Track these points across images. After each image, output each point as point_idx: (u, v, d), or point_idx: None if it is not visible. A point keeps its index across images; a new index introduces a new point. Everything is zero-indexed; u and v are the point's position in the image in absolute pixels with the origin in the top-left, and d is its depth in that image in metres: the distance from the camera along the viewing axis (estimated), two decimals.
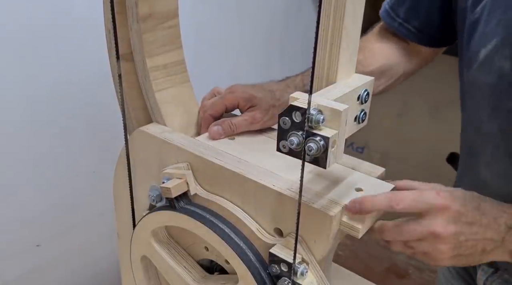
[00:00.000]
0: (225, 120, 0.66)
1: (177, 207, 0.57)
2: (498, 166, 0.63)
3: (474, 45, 0.62)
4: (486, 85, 0.61)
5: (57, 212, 1.11)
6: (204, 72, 1.33)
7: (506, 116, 0.59)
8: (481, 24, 0.61)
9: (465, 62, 0.65)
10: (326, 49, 0.48)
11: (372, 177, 0.56)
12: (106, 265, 1.28)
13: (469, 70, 0.63)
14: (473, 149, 0.67)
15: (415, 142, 2.03)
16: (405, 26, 0.75)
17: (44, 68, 0.97)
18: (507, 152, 0.61)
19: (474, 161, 0.67)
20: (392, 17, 0.76)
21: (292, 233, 0.51)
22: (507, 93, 0.58)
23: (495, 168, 0.63)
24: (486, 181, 0.65)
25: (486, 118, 0.62)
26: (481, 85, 0.61)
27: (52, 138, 1.04)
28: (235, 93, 0.66)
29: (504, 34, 0.58)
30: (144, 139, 0.63)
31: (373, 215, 0.51)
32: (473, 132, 0.67)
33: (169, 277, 0.63)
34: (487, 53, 0.60)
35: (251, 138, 0.66)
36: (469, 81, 0.65)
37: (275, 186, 0.52)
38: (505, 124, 0.60)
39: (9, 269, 1.07)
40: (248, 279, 0.53)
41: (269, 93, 0.67)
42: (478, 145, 0.65)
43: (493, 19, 0.59)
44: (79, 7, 0.98)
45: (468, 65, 0.64)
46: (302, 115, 0.41)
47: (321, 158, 0.42)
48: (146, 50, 0.61)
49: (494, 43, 0.59)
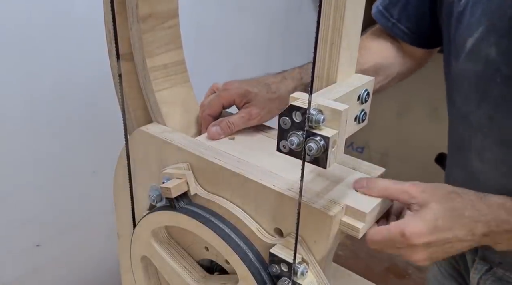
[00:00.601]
0: (222, 119, 0.65)
1: (177, 207, 0.57)
2: (489, 155, 0.63)
3: (461, 36, 0.63)
4: (473, 73, 0.61)
5: (57, 212, 1.11)
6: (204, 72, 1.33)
7: (494, 102, 0.60)
8: (466, 15, 0.61)
9: (453, 54, 0.65)
10: (326, 49, 0.48)
11: (372, 177, 0.56)
12: (106, 265, 1.28)
13: (457, 61, 0.64)
14: (463, 142, 0.67)
15: (415, 142, 2.03)
16: (398, 26, 0.75)
17: (44, 68, 0.97)
18: (496, 140, 0.61)
19: (464, 154, 0.67)
20: (386, 17, 0.76)
21: (292, 233, 0.51)
22: (493, 80, 0.59)
23: (486, 157, 0.63)
24: (477, 173, 0.65)
25: (475, 107, 0.63)
26: (469, 74, 0.62)
27: (52, 138, 1.04)
28: (230, 90, 0.66)
29: (488, 22, 0.58)
30: (144, 139, 0.63)
31: (373, 216, 0.51)
32: (462, 124, 0.67)
33: (169, 277, 0.63)
34: (473, 42, 0.60)
35: (250, 137, 0.66)
36: (457, 72, 0.65)
37: (275, 186, 0.52)
38: (492, 111, 0.60)
39: (9, 269, 1.07)
40: (248, 279, 0.53)
41: (265, 87, 0.66)
42: (467, 137, 0.66)
43: (478, 9, 0.60)
44: (79, 7, 0.98)
45: (456, 56, 0.64)
46: (302, 115, 0.41)
47: (321, 158, 0.42)
48: (146, 50, 0.61)
49: (480, 31, 0.59)
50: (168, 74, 0.65)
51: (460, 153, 0.70)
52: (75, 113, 1.06)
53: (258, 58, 1.60)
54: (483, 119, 0.62)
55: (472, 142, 0.65)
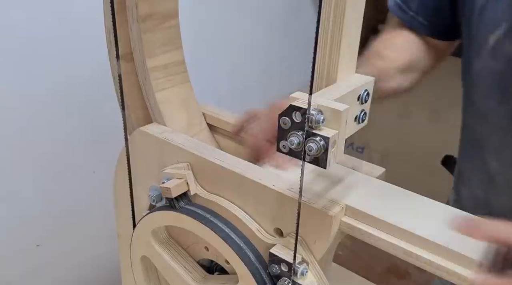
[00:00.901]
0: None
1: (177, 207, 0.57)
2: (507, 154, 0.62)
3: (482, 32, 0.61)
4: (495, 71, 0.60)
5: (57, 212, 1.11)
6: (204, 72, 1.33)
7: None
8: (488, 10, 0.60)
9: (474, 51, 0.64)
10: (326, 49, 0.48)
11: (372, 177, 0.56)
12: (106, 265, 1.28)
13: (478, 58, 0.63)
14: (479, 142, 0.66)
15: (415, 142, 2.03)
16: (417, 19, 0.73)
17: (44, 68, 0.97)
18: None
19: (479, 154, 0.66)
20: (404, 10, 0.74)
21: (292, 233, 0.51)
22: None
23: (504, 156, 0.62)
24: (494, 173, 0.64)
25: (496, 105, 0.62)
26: (491, 72, 0.61)
27: (52, 138, 1.04)
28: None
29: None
30: (144, 139, 0.63)
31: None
32: (480, 122, 0.66)
33: (169, 277, 0.63)
34: (496, 38, 0.59)
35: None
36: (477, 70, 0.64)
37: (275, 186, 0.52)
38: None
39: (9, 269, 1.07)
40: (248, 279, 0.53)
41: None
42: (485, 136, 0.65)
43: (500, 4, 0.58)
44: (79, 7, 0.98)
45: (477, 53, 0.63)
46: (302, 115, 0.41)
47: (321, 158, 0.42)
48: (146, 50, 0.61)
49: (503, 28, 0.58)
50: (168, 74, 0.65)
51: (475, 153, 0.69)
52: (75, 113, 1.06)
53: (258, 58, 1.60)
54: (503, 117, 0.61)
55: (490, 141, 0.64)
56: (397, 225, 0.47)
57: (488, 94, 0.63)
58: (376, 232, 0.48)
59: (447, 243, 0.44)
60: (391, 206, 0.51)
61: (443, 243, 0.44)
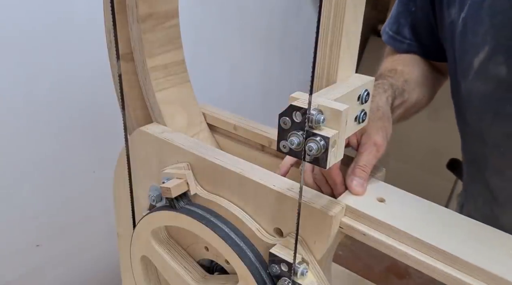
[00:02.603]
0: (353, 167, 0.54)
1: (177, 207, 0.57)
2: (507, 172, 0.62)
3: (466, 56, 0.62)
4: (484, 93, 0.60)
5: (57, 212, 1.11)
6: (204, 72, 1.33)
7: (509, 120, 0.59)
8: (468, 35, 0.61)
9: (459, 74, 0.64)
10: (326, 49, 0.48)
11: (372, 177, 0.56)
12: (106, 265, 1.28)
13: (465, 81, 0.63)
14: (479, 160, 0.66)
15: (415, 142, 2.03)
16: (414, 45, 0.75)
17: (44, 68, 0.97)
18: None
19: (481, 171, 0.66)
20: (400, 41, 0.75)
21: (292, 233, 0.51)
22: (507, 98, 0.58)
23: (507, 175, 0.62)
24: (497, 191, 0.64)
25: (489, 126, 0.62)
26: (480, 94, 0.61)
27: (52, 138, 1.04)
28: None
29: (494, 41, 0.57)
30: (144, 139, 0.63)
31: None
32: (477, 142, 0.66)
33: (169, 277, 0.63)
34: (480, 61, 0.59)
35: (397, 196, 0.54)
36: (466, 92, 0.64)
37: (275, 186, 0.52)
38: (509, 128, 0.60)
39: (9, 269, 1.07)
40: (248, 279, 0.53)
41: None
42: (484, 154, 0.65)
43: (480, 28, 0.59)
44: (79, 7, 0.98)
45: (463, 76, 0.63)
46: (303, 115, 0.41)
47: (322, 158, 0.42)
48: (146, 50, 0.61)
49: (486, 51, 0.58)
50: (168, 74, 0.65)
51: (477, 169, 0.68)
52: (75, 113, 1.06)
53: (258, 58, 1.60)
54: (499, 136, 0.61)
55: (489, 160, 0.64)
56: (397, 227, 0.47)
57: (480, 115, 0.63)
58: (376, 233, 0.48)
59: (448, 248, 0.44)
60: (391, 207, 0.51)
61: (447, 249, 0.44)
